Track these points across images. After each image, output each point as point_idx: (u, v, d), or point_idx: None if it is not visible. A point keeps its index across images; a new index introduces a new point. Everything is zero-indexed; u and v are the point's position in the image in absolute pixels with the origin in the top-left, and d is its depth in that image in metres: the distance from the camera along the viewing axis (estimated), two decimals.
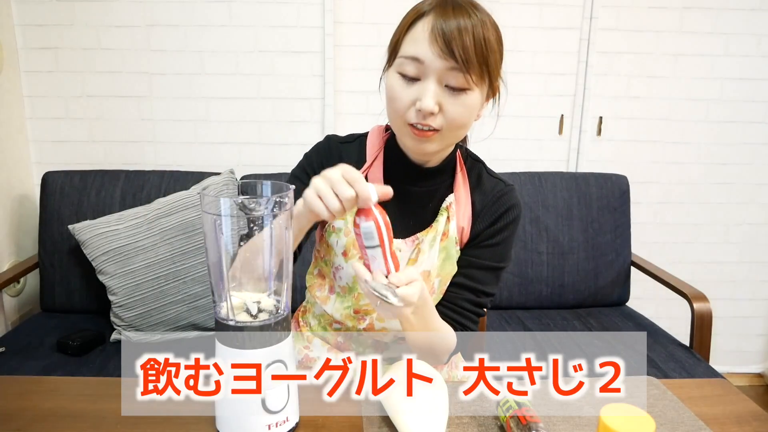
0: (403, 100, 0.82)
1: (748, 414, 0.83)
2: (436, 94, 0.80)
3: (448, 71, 0.79)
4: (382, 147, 0.96)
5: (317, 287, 1.02)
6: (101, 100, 2.01)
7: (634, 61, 2.10)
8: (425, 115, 0.80)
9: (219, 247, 0.71)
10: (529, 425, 0.70)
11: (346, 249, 0.93)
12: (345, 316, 0.97)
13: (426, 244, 0.93)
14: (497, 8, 0.84)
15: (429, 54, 0.79)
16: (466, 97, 0.81)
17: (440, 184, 0.95)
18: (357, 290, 0.94)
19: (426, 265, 0.92)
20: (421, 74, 0.81)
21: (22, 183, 1.99)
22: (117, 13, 1.94)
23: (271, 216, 0.71)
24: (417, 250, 0.93)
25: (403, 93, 0.82)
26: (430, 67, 0.79)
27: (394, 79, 0.83)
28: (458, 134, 0.86)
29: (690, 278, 1.85)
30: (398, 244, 0.93)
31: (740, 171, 2.21)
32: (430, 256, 0.92)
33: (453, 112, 0.81)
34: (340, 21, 1.99)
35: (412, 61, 0.80)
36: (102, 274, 1.63)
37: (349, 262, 0.93)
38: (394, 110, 0.84)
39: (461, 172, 0.97)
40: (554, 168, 2.16)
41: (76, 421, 0.78)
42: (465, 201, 0.95)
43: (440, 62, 0.78)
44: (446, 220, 0.94)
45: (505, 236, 0.96)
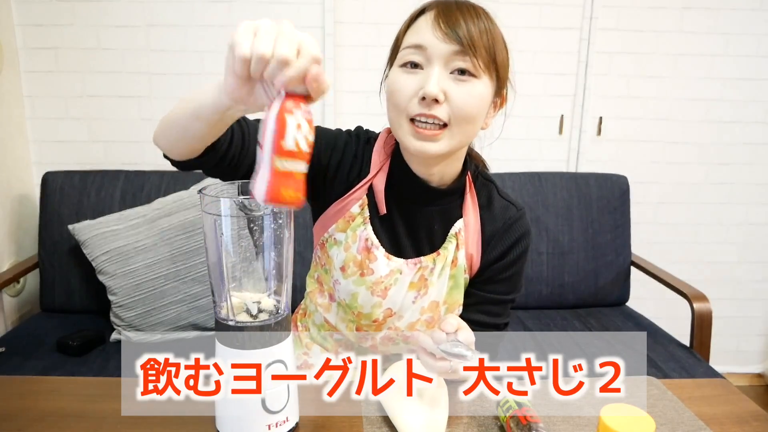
0: (405, 91, 0.77)
1: (748, 414, 0.83)
2: (441, 80, 0.75)
3: (453, 55, 0.75)
4: (387, 158, 0.89)
5: (318, 293, 0.98)
6: (101, 100, 2.01)
7: (634, 61, 2.10)
8: (429, 102, 0.75)
9: (219, 247, 0.71)
10: (529, 425, 0.70)
11: (345, 264, 0.88)
12: (347, 329, 0.95)
13: (434, 274, 0.89)
14: (497, 8, 0.83)
15: (432, 39, 0.75)
16: (474, 86, 0.76)
17: (448, 204, 0.89)
18: (357, 310, 0.90)
19: (434, 295, 0.90)
20: (424, 62, 0.77)
21: (22, 183, 1.99)
22: (117, 13, 1.94)
23: (271, 216, 0.71)
24: (420, 275, 0.89)
25: (405, 83, 0.77)
26: (434, 52, 0.75)
27: (396, 73, 0.79)
28: (466, 130, 0.79)
29: (690, 278, 1.85)
30: (399, 265, 0.88)
31: (740, 171, 2.21)
32: (439, 286, 0.89)
33: (459, 100, 0.75)
34: (340, 21, 1.99)
35: (415, 49, 0.77)
36: (102, 274, 1.63)
37: (348, 279, 0.89)
38: (395, 105, 0.79)
39: (470, 193, 0.91)
40: (554, 168, 2.16)
41: (76, 421, 0.78)
42: (474, 227, 0.90)
43: (444, 46, 0.75)
44: (455, 248, 0.89)
45: (518, 268, 0.93)
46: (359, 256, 0.88)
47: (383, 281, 0.88)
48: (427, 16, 0.78)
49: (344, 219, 0.89)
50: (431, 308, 0.90)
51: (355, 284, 0.88)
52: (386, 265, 0.88)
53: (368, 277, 0.88)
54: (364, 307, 0.89)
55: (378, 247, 0.88)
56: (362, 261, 0.88)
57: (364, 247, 0.88)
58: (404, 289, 0.89)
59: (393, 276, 0.88)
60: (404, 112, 0.78)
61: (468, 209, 0.90)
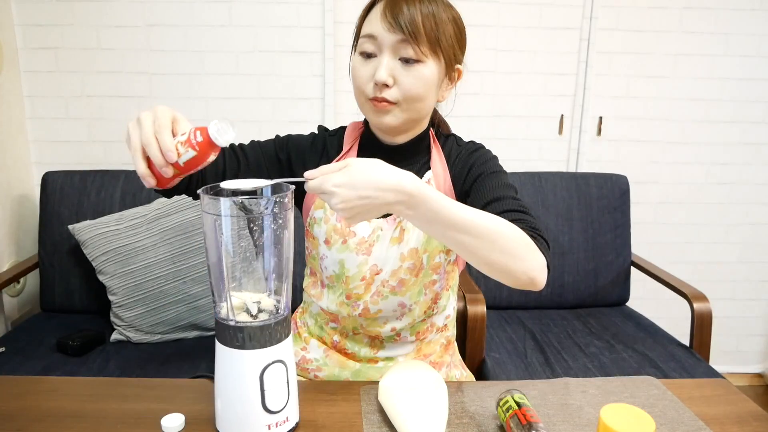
0: (362, 77, 0.88)
1: (748, 414, 0.83)
2: (390, 67, 0.85)
3: (399, 44, 0.84)
4: (358, 137, 1.01)
5: (311, 286, 1.04)
6: (101, 100, 2.01)
7: (634, 61, 2.10)
8: (381, 87, 0.86)
9: (219, 247, 0.71)
10: (529, 425, 0.70)
11: (328, 236, 0.95)
12: (339, 304, 0.98)
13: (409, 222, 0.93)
14: (498, 8, 0.84)
15: (380, 29, 0.85)
16: (419, 69, 0.85)
17: (415, 163, 0.97)
18: (345, 275, 0.95)
19: (413, 242, 0.94)
20: (377, 50, 0.87)
21: (22, 183, 1.99)
22: (117, 13, 1.94)
23: (271, 216, 0.71)
24: (399, 229, 0.94)
25: (362, 70, 0.89)
26: (383, 42, 0.85)
27: (356, 60, 0.90)
28: (416, 107, 0.89)
29: (690, 278, 1.85)
30: (380, 224, 0.95)
31: (740, 171, 2.21)
32: (416, 233, 0.94)
33: (406, 83, 0.86)
34: (340, 21, 1.99)
35: (368, 38, 0.87)
36: (102, 274, 1.63)
37: (332, 249, 0.95)
38: (357, 87, 0.90)
39: (435, 148, 0.99)
40: (554, 168, 2.16)
41: (76, 421, 0.78)
42: (443, 174, 0.97)
43: (390, 36, 0.84)
44: None
45: (487, 166, 0.93)
46: (339, 224, 0.95)
47: (366, 240, 0.94)
48: (378, 6, 0.87)
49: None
50: (411, 255, 0.94)
51: (339, 252, 0.95)
52: (368, 226, 0.95)
53: (351, 239, 0.94)
54: (351, 269, 0.95)
55: None
56: (342, 229, 0.95)
57: None
58: (386, 243, 0.94)
59: (375, 234, 0.95)
60: (363, 94, 0.90)
61: (435, 161, 0.98)
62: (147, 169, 0.70)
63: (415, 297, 0.96)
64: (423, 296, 0.97)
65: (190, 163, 0.69)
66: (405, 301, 0.96)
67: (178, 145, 0.68)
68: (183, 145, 0.68)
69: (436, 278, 0.97)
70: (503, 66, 2.07)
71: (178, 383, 0.90)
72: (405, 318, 0.98)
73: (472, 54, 2.04)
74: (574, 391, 0.88)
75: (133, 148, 0.69)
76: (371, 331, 0.99)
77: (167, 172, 0.69)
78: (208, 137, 0.67)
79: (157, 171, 0.69)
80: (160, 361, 1.51)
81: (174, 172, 0.70)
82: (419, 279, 0.95)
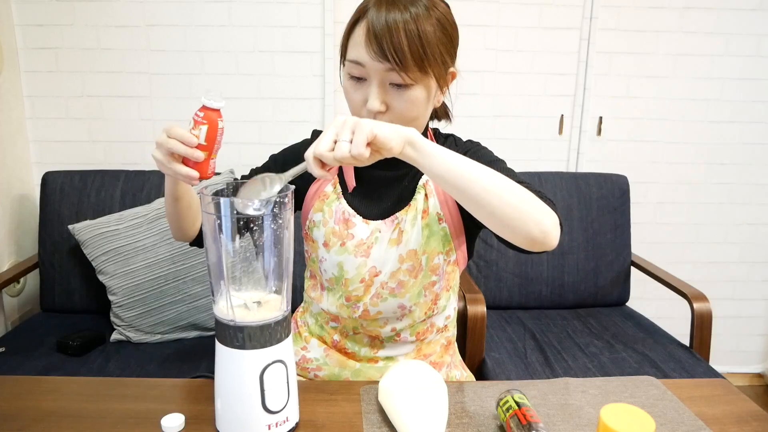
0: (355, 102, 0.88)
1: (748, 414, 0.83)
2: (380, 95, 0.85)
3: (386, 72, 0.83)
4: None
5: (311, 288, 1.05)
6: (101, 100, 2.01)
7: (634, 61, 2.10)
8: (374, 115, 0.85)
9: (219, 247, 0.71)
10: (529, 425, 0.70)
11: (326, 239, 0.95)
12: (339, 307, 0.98)
13: (407, 223, 0.94)
14: (498, 8, 0.84)
15: (366, 58, 0.83)
16: (411, 93, 0.85)
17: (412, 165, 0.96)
18: (344, 277, 0.95)
19: (412, 244, 0.94)
20: (365, 75, 0.85)
21: (22, 183, 1.99)
22: (117, 13, 1.94)
23: (271, 216, 0.71)
24: (398, 230, 0.94)
25: (354, 95, 0.88)
26: (370, 70, 0.84)
27: (346, 82, 0.89)
28: (412, 124, 0.87)
29: (690, 278, 1.85)
30: (378, 225, 0.95)
31: (740, 171, 2.21)
32: (414, 235, 0.94)
33: (400, 108, 0.85)
34: (340, 21, 1.99)
35: (356, 64, 0.85)
36: (102, 274, 1.63)
37: (331, 252, 0.95)
38: (351, 110, 0.91)
39: None
40: (554, 168, 2.16)
41: (76, 421, 0.78)
42: None
43: (377, 65, 0.82)
44: (424, 198, 0.95)
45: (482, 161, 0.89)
46: (337, 227, 0.96)
47: (365, 242, 0.95)
48: (361, 27, 0.84)
49: (320, 200, 0.98)
50: (410, 257, 0.94)
51: (337, 254, 0.95)
52: (366, 228, 0.95)
53: (349, 242, 0.95)
54: (350, 271, 0.95)
55: (354, 216, 0.96)
56: (341, 231, 0.95)
57: (342, 219, 0.96)
58: (385, 245, 0.94)
59: (373, 235, 0.95)
60: (358, 115, 0.89)
61: None
62: (185, 167, 0.77)
63: (414, 298, 0.96)
64: (423, 297, 0.97)
65: (209, 137, 0.77)
66: (405, 302, 0.95)
67: (191, 131, 0.76)
68: (194, 129, 0.76)
69: (435, 279, 0.97)
70: (503, 66, 2.07)
71: (178, 383, 0.90)
72: (405, 319, 0.98)
73: (472, 54, 2.05)
74: (574, 391, 0.88)
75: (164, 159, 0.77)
76: (371, 331, 0.99)
77: (198, 156, 0.76)
78: (207, 108, 0.76)
79: (191, 162, 0.77)
80: (160, 361, 1.51)
81: (203, 154, 0.77)
82: (418, 280, 0.95)
